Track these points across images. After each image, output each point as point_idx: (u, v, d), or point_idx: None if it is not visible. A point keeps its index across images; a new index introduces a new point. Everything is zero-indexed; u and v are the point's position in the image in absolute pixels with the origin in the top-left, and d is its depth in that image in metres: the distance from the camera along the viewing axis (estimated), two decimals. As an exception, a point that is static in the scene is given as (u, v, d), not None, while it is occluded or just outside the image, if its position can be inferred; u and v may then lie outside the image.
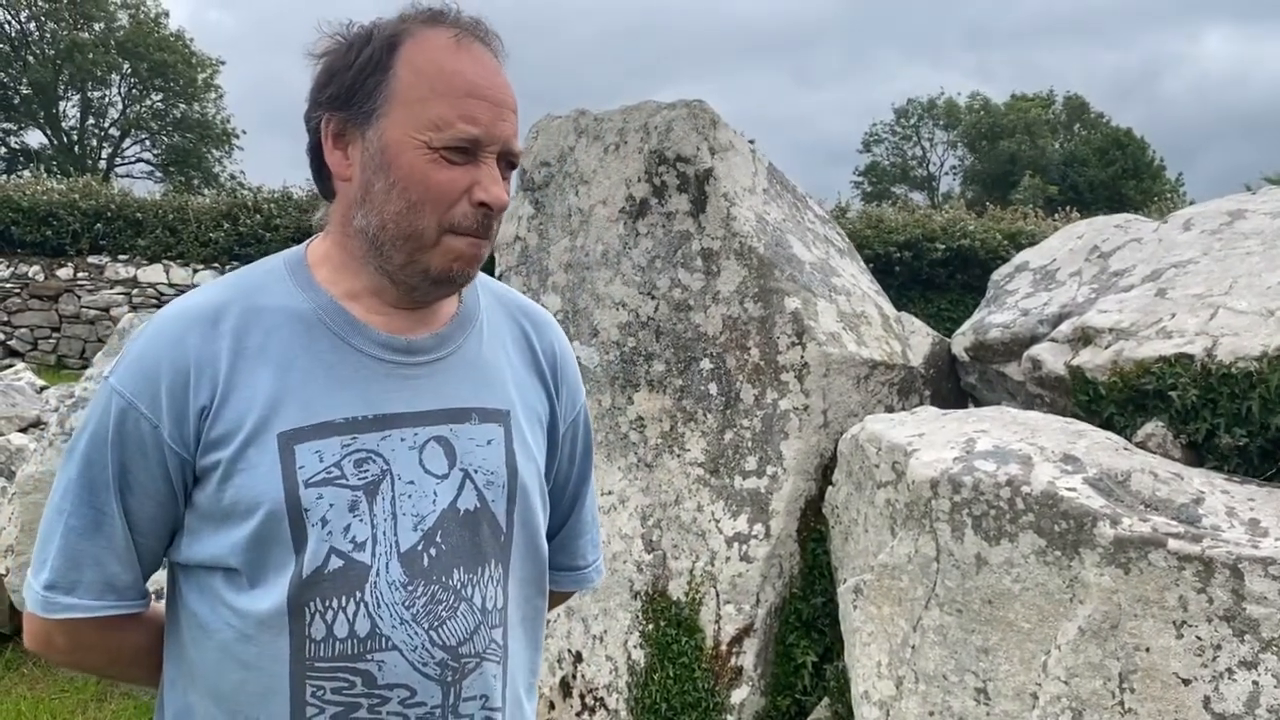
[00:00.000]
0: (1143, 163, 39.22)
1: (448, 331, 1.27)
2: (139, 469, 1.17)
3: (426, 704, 1.18)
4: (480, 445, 1.25)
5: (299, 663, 1.14)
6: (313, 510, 1.14)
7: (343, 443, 1.16)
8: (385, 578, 1.16)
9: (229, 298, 1.21)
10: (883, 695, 2.77)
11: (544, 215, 3.90)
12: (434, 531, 1.19)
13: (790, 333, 3.38)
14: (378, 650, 1.16)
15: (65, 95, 34.81)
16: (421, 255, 1.18)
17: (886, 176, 46.50)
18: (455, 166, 1.16)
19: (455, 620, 1.20)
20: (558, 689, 3.63)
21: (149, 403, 1.16)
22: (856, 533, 3.03)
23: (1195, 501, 2.49)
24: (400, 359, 1.22)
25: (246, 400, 1.16)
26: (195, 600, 1.20)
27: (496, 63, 1.22)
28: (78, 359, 13.02)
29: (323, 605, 1.14)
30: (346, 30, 1.22)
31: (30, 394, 7.02)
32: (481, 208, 1.17)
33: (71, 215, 13.52)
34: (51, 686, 4.51)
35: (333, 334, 1.21)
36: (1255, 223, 3.40)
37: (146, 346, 1.18)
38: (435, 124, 1.15)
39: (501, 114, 1.18)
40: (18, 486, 4.75)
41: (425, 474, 1.20)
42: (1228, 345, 2.80)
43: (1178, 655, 2.26)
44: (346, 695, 1.15)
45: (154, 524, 1.20)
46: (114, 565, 1.20)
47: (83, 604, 1.19)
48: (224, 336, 1.17)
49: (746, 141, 3.84)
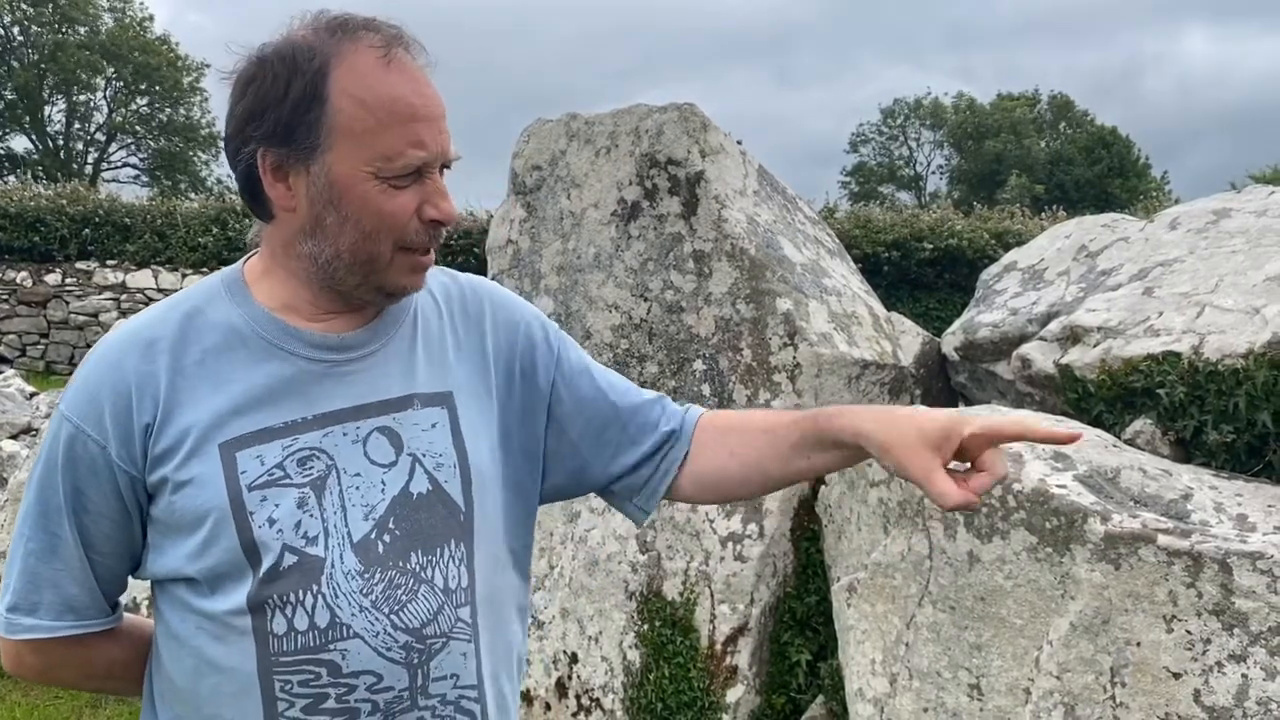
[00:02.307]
0: (1128, 161, 39.46)
1: (380, 324, 1.28)
2: (92, 490, 1.20)
3: (394, 688, 1.19)
4: (425, 430, 1.26)
5: (265, 659, 1.16)
6: (258, 512, 1.16)
7: (283, 445, 1.18)
8: (340, 568, 1.18)
9: (166, 318, 1.24)
10: (877, 692, 2.80)
11: (536, 219, 3.92)
12: (386, 519, 1.21)
13: (782, 333, 3.41)
14: (339, 640, 1.17)
15: (50, 100, 34.69)
16: (376, 276, 1.21)
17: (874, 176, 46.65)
18: (404, 190, 1.18)
19: (416, 603, 1.21)
20: (554, 689, 3.65)
21: (95, 425, 1.18)
22: (850, 531, 3.05)
23: (1184, 497, 2.52)
24: (335, 357, 1.24)
25: (188, 415, 1.18)
26: (169, 613, 1.23)
27: (422, 70, 1.21)
28: (66, 365, 12.95)
29: (281, 601, 1.16)
30: (261, 50, 1.19)
31: (20, 400, 7.00)
32: (433, 224, 1.19)
33: (59, 221, 13.45)
34: (46, 693, 4.50)
35: (268, 343, 1.22)
36: (1240, 221, 3.44)
37: (90, 372, 1.21)
38: (385, 155, 1.16)
39: (440, 127, 1.19)
40: (10, 493, 4.75)
41: (371, 465, 1.22)
42: (1214, 343, 2.83)
43: (1168, 649, 2.29)
44: (314, 686, 1.17)
45: (111, 543, 1.22)
46: (71, 587, 1.23)
47: (43, 624, 1.23)
48: (161, 355, 1.20)
49: (737, 144, 3.87)
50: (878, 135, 47.86)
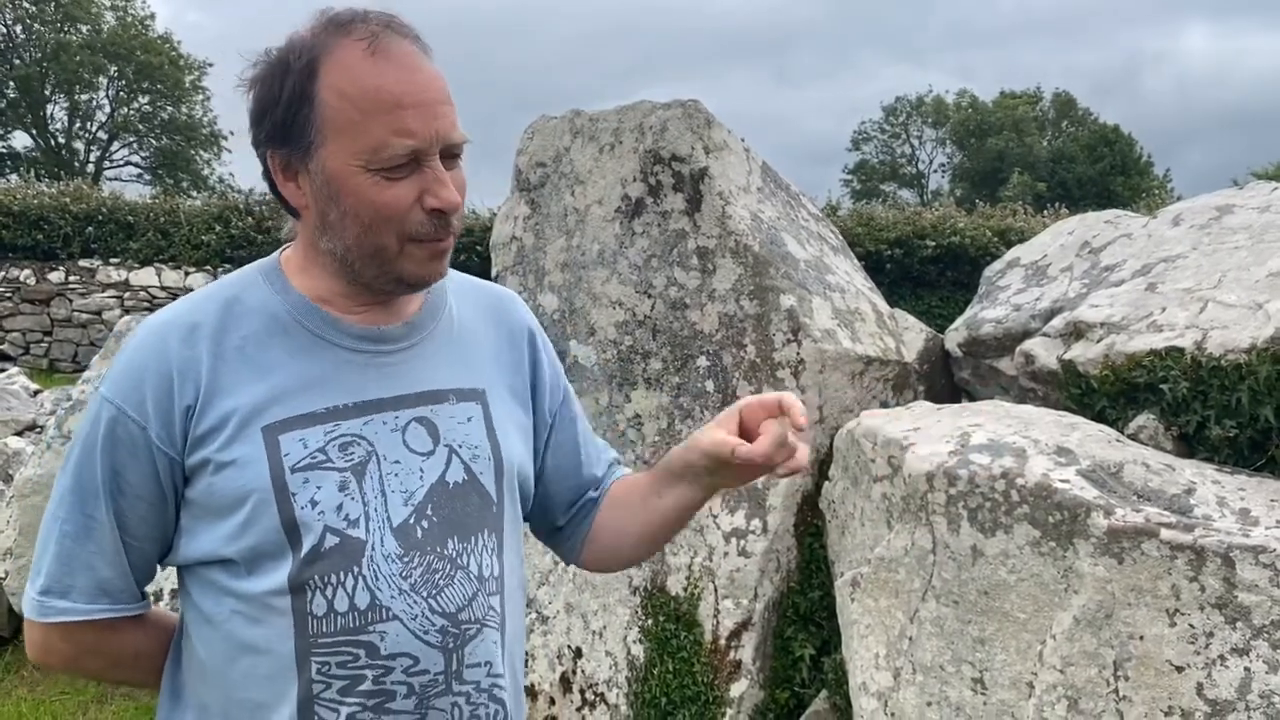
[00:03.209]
0: (1130, 159, 39.44)
1: (418, 320, 1.32)
2: (130, 472, 1.21)
3: (430, 671, 1.21)
4: (461, 423, 1.29)
5: (303, 640, 1.18)
6: (300, 494, 1.18)
7: (326, 430, 1.21)
8: (381, 551, 1.20)
9: (206, 304, 1.26)
10: (880, 686, 2.81)
11: (540, 215, 3.93)
12: (424, 505, 1.24)
13: (786, 330, 3.42)
14: (379, 621, 1.19)
15: (52, 98, 34.69)
16: (390, 266, 1.22)
17: (876, 174, 46.65)
18: (399, 181, 1.17)
19: (453, 588, 1.23)
20: (558, 684, 3.66)
21: (136, 407, 1.20)
22: (853, 526, 3.06)
23: (1187, 492, 2.53)
24: (375, 349, 1.27)
25: (230, 399, 1.20)
26: (199, 596, 1.24)
27: (417, 56, 1.21)
28: (70, 363, 12.98)
29: (322, 582, 1.18)
30: (265, 53, 1.21)
31: (25, 398, 7.02)
32: (435, 214, 1.19)
33: (63, 219, 13.48)
34: (52, 688, 4.52)
35: (308, 331, 1.25)
36: (1243, 217, 3.45)
37: (132, 356, 1.23)
38: (371, 147, 1.16)
39: (433, 111, 1.18)
40: (15, 490, 4.76)
41: (410, 453, 1.24)
42: (1217, 338, 2.84)
43: (1171, 643, 2.30)
44: (351, 668, 1.18)
45: (145, 526, 1.23)
46: (105, 570, 1.24)
47: (77, 607, 1.23)
48: (203, 339, 1.22)
49: (740, 141, 3.87)
50: (880, 133, 47.87)
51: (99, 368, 4.86)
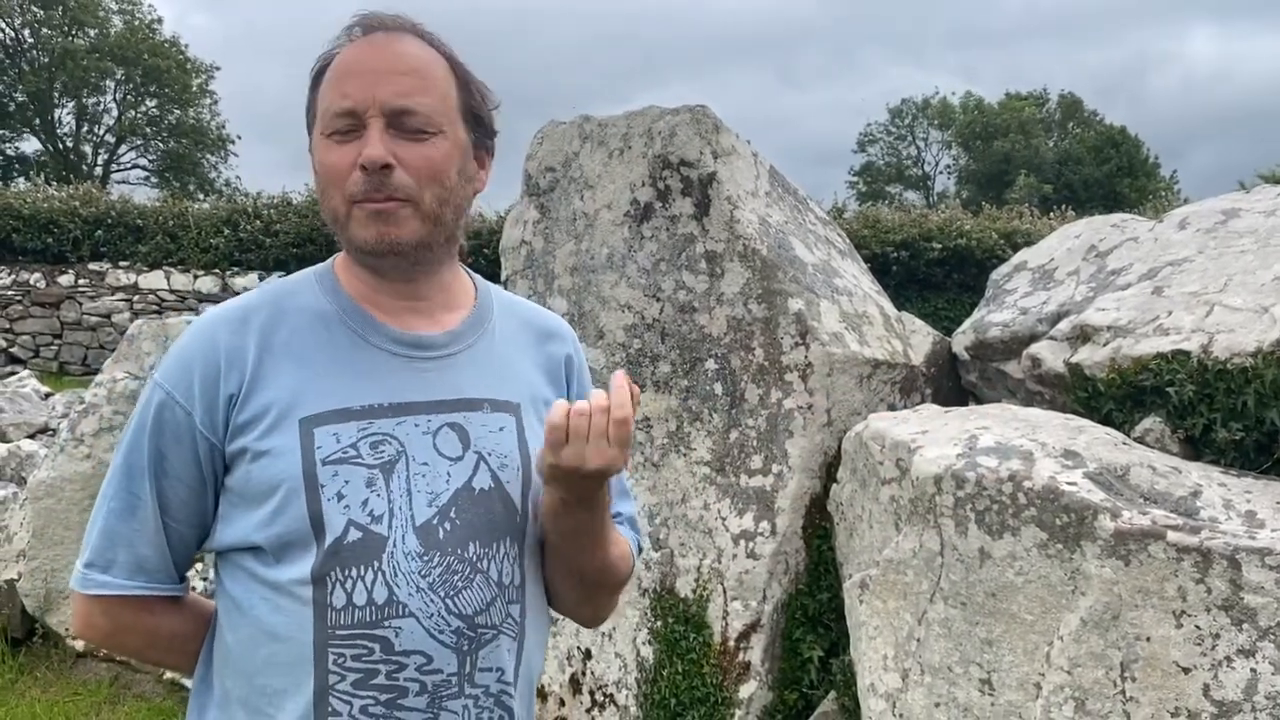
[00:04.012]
0: (1137, 161, 39.35)
1: (460, 330, 1.36)
2: (174, 455, 1.26)
3: (443, 671, 1.24)
4: (493, 431, 1.32)
5: (321, 630, 1.21)
6: (328, 486, 1.22)
7: (359, 427, 1.25)
8: (402, 548, 1.23)
9: (259, 301, 1.32)
10: (889, 688, 2.83)
11: (549, 219, 3.96)
12: (448, 508, 1.27)
13: (794, 333, 3.44)
14: (395, 617, 1.22)
15: (60, 102, 34.82)
16: (344, 232, 1.28)
17: (881, 176, 46.61)
18: (346, 144, 1.25)
19: (471, 590, 1.26)
20: (567, 686, 3.69)
21: (184, 392, 1.26)
22: (861, 529, 3.09)
23: (1193, 494, 2.55)
24: (414, 354, 1.31)
25: (272, 390, 1.25)
26: (230, 582, 1.28)
27: (400, 39, 1.29)
28: (79, 365, 13.05)
29: (342, 574, 1.21)
30: None
31: (36, 401, 7.07)
32: (363, 171, 1.24)
33: (72, 222, 13.56)
34: (64, 689, 4.56)
35: (352, 331, 1.30)
36: (1249, 221, 3.46)
37: (185, 344, 1.29)
38: (322, 111, 1.27)
39: (376, 79, 1.24)
40: (29, 492, 4.80)
41: (439, 456, 1.28)
42: (1223, 342, 2.86)
43: (1177, 644, 2.31)
44: (365, 661, 1.21)
45: (185, 509, 1.28)
46: (144, 548, 1.28)
47: (115, 582, 1.28)
48: (252, 333, 1.28)
49: (748, 145, 3.90)
50: (886, 135, 47.82)
51: (111, 370, 4.89)
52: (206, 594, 1.42)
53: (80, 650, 4.76)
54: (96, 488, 5.00)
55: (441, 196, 1.28)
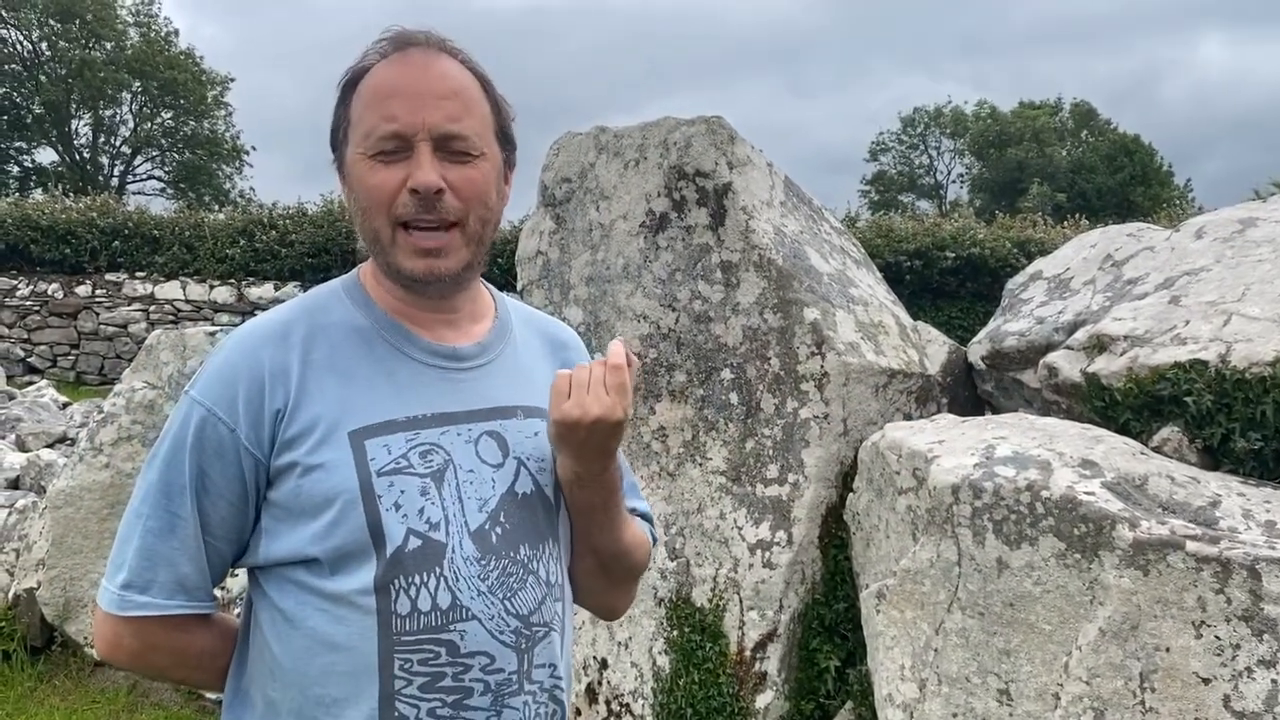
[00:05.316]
0: (1151, 169, 39.20)
1: (488, 341, 1.40)
2: (216, 472, 1.26)
3: (504, 670, 1.27)
4: (529, 437, 1.37)
5: (386, 638, 1.23)
6: (385, 496, 1.24)
7: (407, 437, 1.27)
8: (461, 553, 1.26)
9: (296, 316, 1.33)
10: (906, 698, 2.83)
11: (565, 230, 3.98)
12: (497, 512, 1.30)
13: (810, 343, 3.45)
14: (459, 621, 1.25)
15: (77, 114, 35.10)
16: (387, 257, 1.29)
17: (894, 185, 46.54)
18: (390, 166, 1.26)
19: (525, 591, 1.30)
20: (584, 695, 3.69)
21: (227, 409, 1.26)
22: (878, 539, 3.08)
23: (1212, 504, 2.54)
24: (449, 365, 1.35)
25: (318, 404, 1.27)
26: (279, 596, 1.28)
27: (439, 60, 1.30)
28: (97, 375, 13.14)
29: (406, 582, 1.23)
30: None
31: (55, 410, 7.12)
32: (414, 195, 1.25)
33: (89, 233, 13.65)
34: (83, 697, 4.58)
35: (389, 344, 1.33)
36: (1266, 230, 3.45)
37: (225, 360, 1.30)
38: (365, 133, 1.27)
39: (423, 103, 1.26)
40: (49, 501, 4.83)
41: (482, 463, 1.31)
42: (1241, 351, 2.85)
43: (1197, 655, 2.31)
44: (432, 665, 1.24)
45: (225, 527, 1.29)
46: (186, 566, 1.28)
47: (156, 602, 1.28)
48: (294, 349, 1.29)
49: (763, 155, 3.91)
50: (898, 144, 47.77)
51: (130, 380, 4.93)
52: (223, 605, 1.43)
53: (98, 659, 4.79)
54: (115, 497, 5.00)
55: (485, 217, 1.31)
